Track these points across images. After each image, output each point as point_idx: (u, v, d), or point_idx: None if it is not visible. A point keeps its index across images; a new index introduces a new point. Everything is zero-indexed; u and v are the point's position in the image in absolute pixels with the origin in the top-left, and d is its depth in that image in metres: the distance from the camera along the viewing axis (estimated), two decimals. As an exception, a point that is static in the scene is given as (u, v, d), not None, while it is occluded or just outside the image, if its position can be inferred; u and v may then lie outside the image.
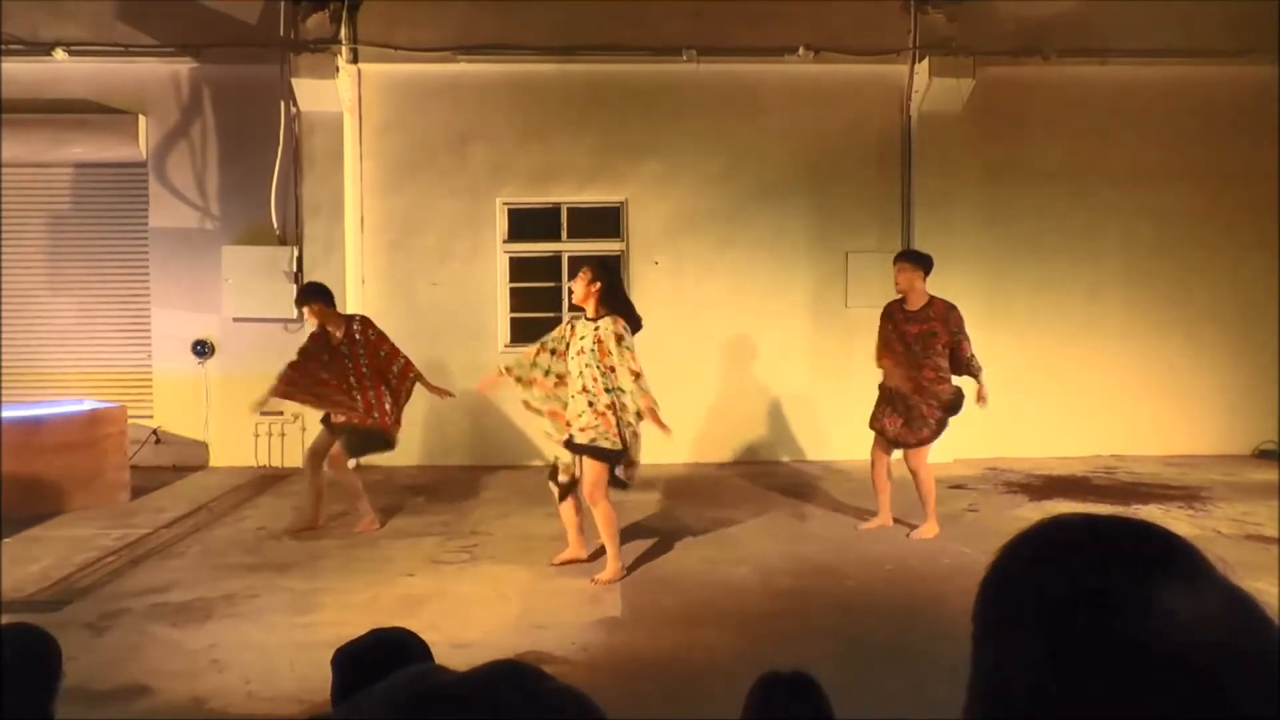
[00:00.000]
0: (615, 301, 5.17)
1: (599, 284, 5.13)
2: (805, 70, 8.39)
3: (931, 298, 5.90)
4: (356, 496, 6.27)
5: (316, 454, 6.20)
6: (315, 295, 6.15)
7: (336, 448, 6.12)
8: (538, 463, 8.40)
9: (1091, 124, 8.64)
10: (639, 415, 5.00)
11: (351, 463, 6.38)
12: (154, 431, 8.39)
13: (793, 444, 8.61)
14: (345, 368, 6.05)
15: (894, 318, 5.95)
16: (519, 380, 5.26)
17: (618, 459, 5.08)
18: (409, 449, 8.30)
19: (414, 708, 0.75)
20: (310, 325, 6.26)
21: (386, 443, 6.21)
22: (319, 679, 3.57)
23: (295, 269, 8.19)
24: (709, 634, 4.36)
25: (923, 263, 5.97)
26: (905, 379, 5.80)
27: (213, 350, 8.42)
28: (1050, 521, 0.77)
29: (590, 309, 5.17)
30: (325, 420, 6.23)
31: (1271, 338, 8.68)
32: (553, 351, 5.27)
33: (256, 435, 8.39)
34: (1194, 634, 0.64)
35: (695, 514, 6.57)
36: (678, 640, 4.29)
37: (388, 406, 6.11)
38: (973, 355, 5.86)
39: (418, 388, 6.24)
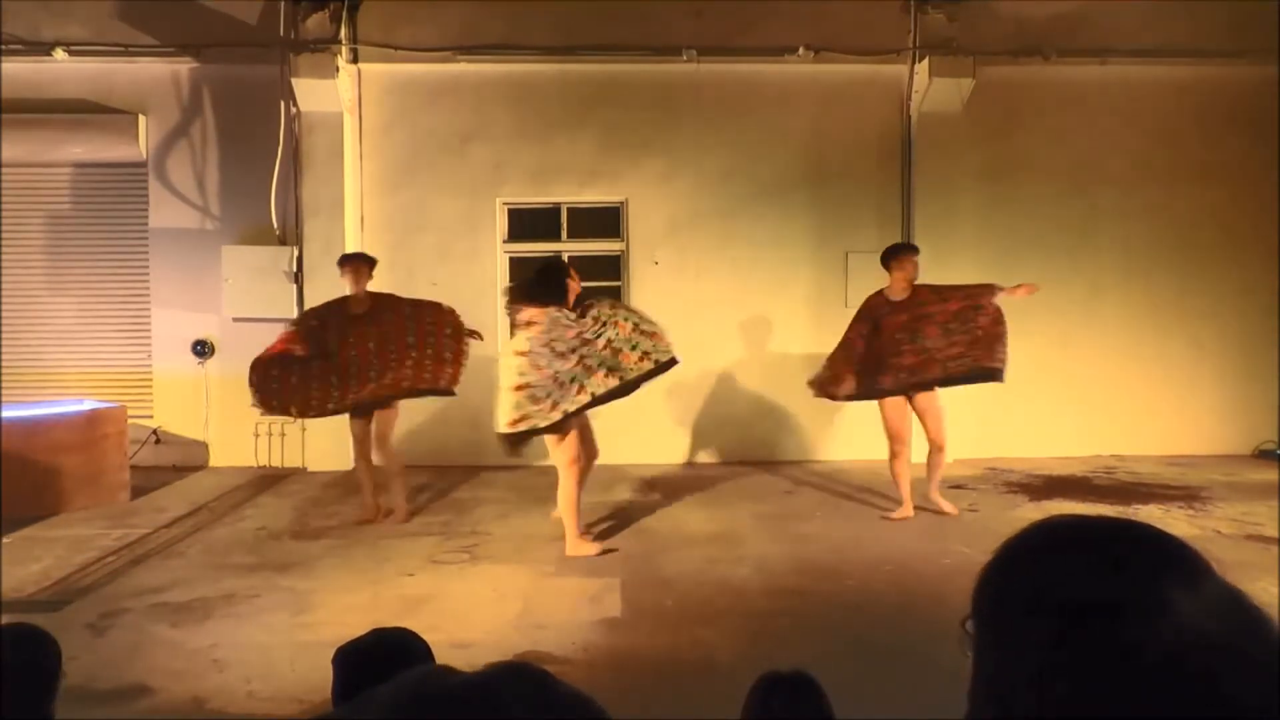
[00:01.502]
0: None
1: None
2: (805, 70, 8.39)
3: (915, 286, 6.37)
4: (397, 482, 6.47)
5: (359, 443, 6.39)
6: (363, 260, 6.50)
7: (382, 429, 6.33)
8: (538, 463, 8.40)
9: (1091, 124, 8.64)
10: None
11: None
12: (154, 431, 8.39)
13: (792, 444, 8.60)
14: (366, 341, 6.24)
15: (878, 310, 6.36)
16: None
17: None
18: (410, 449, 8.30)
19: (420, 709, 0.75)
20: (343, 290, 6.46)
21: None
22: (319, 679, 3.57)
23: (295, 269, 8.20)
24: (709, 634, 4.36)
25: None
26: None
27: (213, 350, 8.42)
28: (1045, 523, 0.77)
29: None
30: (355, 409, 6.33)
31: (1272, 338, 8.68)
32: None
33: (256, 435, 8.39)
34: (1196, 635, 0.64)
35: (695, 514, 6.57)
36: (677, 640, 4.29)
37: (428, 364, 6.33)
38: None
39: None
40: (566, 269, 5.80)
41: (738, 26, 8.33)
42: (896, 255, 6.40)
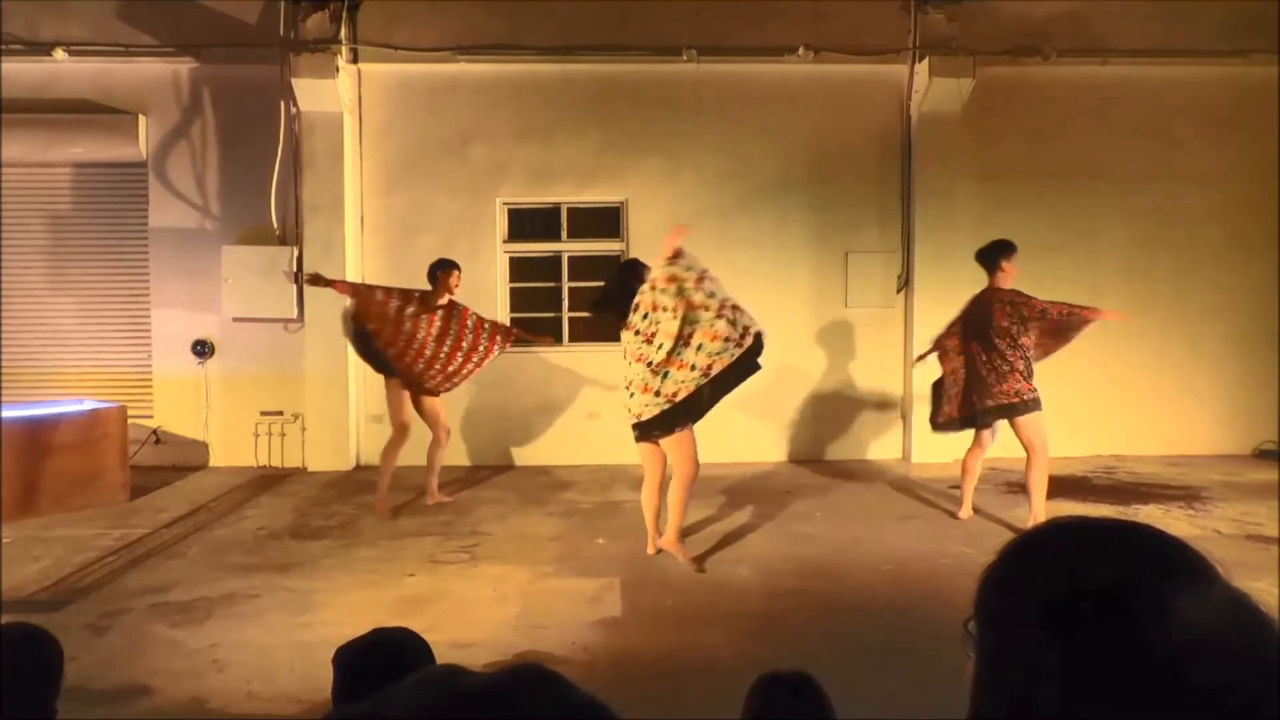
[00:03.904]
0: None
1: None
2: (805, 70, 8.39)
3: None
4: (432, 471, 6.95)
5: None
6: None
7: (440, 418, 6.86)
8: (538, 463, 8.41)
9: (1091, 124, 8.64)
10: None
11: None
12: (154, 431, 8.39)
13: (792, 444, 8.61)
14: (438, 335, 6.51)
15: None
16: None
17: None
18: (410, 449, 8.32)
19: (442, 709, 0.76)
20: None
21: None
22: (319, 679, 3.58)
23: (295, 269, 8.20)
24: (708, 634, 4.36)
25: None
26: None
27: (213, 350, 8.42)
28: (1049, 525, 0.77)
29: None
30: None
31: (1272, 338, 8.68)
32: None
33: (256, 435, 8.39)
34: (1199, 637, 0.64)
35: (695, 514, 6.56)
36: (677, 640, 4.29)
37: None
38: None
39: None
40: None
41: (738, 26, 8.33)
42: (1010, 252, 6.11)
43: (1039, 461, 5.92)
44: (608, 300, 5.50)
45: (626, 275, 5.53)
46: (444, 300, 6.56)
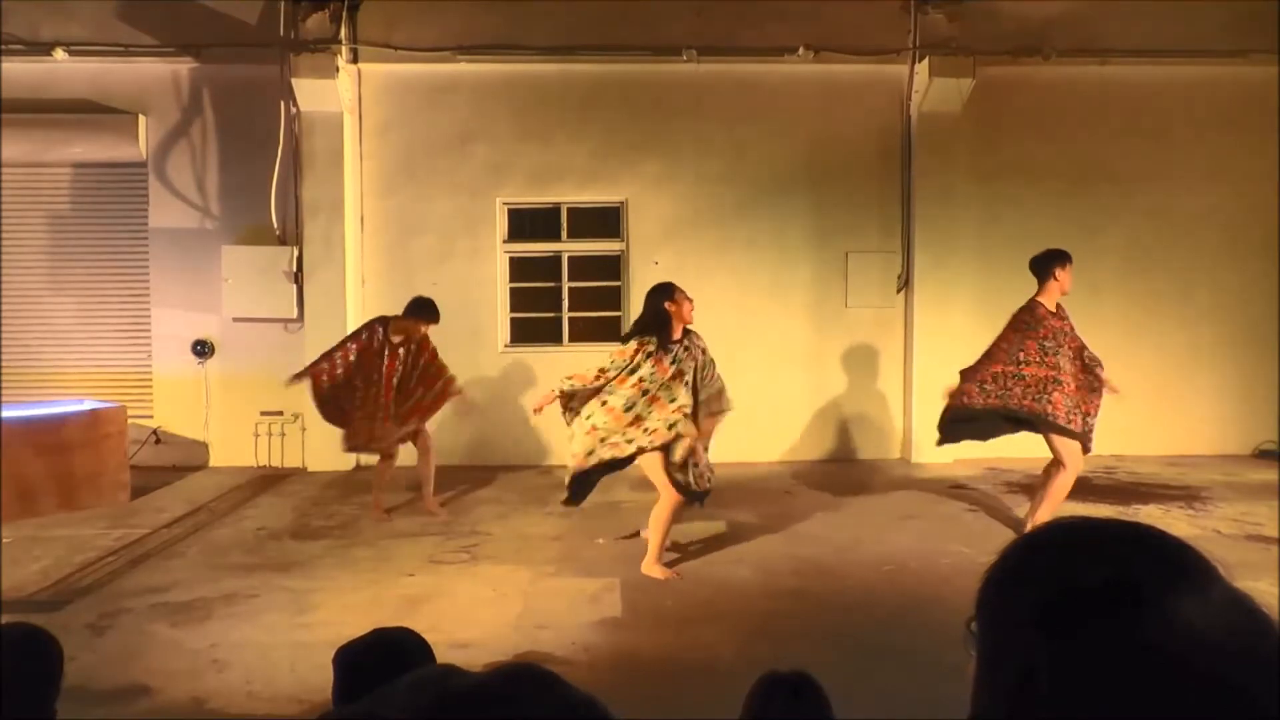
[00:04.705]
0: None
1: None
2: (805, 70, 8.39)
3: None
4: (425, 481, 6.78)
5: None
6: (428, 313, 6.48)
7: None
8: (537, 463, 8.41)
9: (1091, 124, 8.64)
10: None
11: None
12: (154, 431, 8.39)
13: (792, 444, 8.60)
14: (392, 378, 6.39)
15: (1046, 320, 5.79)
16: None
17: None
18: (409, 449, 8.32)
19: (442, 708, 0.76)
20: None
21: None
22: (319, 679, 3.58)
23: (295, 269, 8.20)
24: (709, 634, 4.36)
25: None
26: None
27: (213, 350, 8.42)
28: (1051, 525, 0.77)
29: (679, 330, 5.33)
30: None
31: (1272, 338, 8.67)
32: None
33: (256, 435, 8.39)
34: (1201, 637, 0.64)
35: (695, 514, 6.55)
36: (678, 641, 4.29)
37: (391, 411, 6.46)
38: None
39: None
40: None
41: (738, 26, 8.33)
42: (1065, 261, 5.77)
43: (1060, 474, 5.64)
44: (643, 326, 5.36)
45: (657, 299, 5.34)
46: (409, 337, 6.40)
